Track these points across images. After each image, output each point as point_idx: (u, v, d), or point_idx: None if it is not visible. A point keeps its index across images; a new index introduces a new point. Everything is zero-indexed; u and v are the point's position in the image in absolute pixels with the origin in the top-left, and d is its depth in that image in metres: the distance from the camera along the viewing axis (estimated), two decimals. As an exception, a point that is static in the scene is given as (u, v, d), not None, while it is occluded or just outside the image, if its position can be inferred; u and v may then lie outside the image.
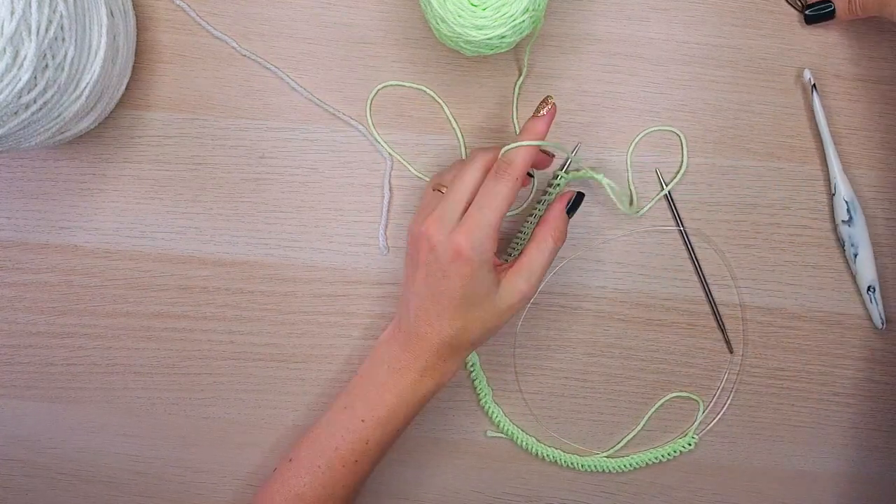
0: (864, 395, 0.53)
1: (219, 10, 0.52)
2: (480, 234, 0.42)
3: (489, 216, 0.42)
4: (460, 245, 0.41)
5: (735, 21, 0.52)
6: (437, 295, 0.43)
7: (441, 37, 0.46)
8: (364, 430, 0.45)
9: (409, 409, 0.45)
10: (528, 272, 0.44)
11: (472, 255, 0.41)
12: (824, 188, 0.52)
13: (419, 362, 0.44)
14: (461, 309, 0.43)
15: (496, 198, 0.42)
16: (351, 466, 0.45)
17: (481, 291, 0.43)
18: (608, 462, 0.53)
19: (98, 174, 0.53)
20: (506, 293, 0.44)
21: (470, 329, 0.44)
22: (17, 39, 0.38)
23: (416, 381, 0.45)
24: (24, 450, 0.54)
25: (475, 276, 0.42)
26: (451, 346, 0.44)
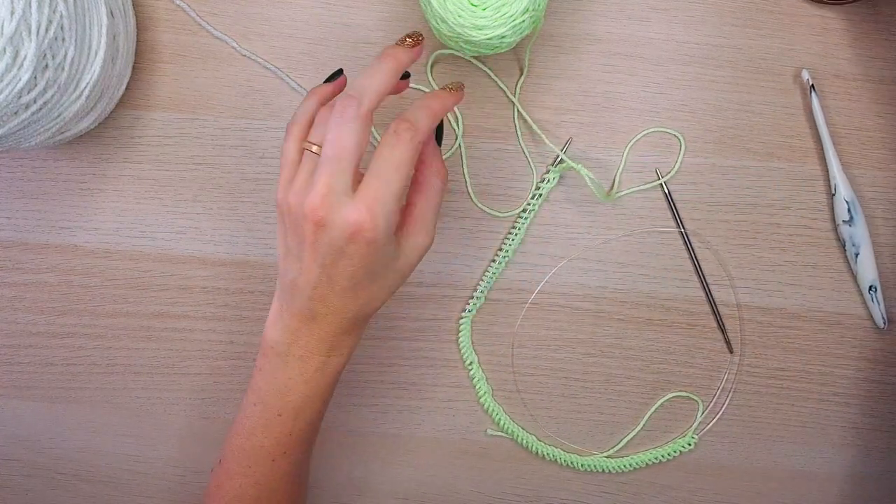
0: (864, 395, 0.53)
1: (219, 10, 0.52)
2: (384, 209, 0.36)
3: (393, 187, 0.36)
4: (361, 224, 0.36)
5: (735, 21, 0.52)
6: (335, 277, 0.38)
7: (441, 37, 0.46)
8: (283, 424, 0.42)
9: (322, 390, 0.42)
10: (423, 224, 0.40)
11: (376, 234, 0.36)
12: (824, 188, 0.52)
13: (323, 345, 0.40)
14: (363, 285, 0.38)
15: (399, 166, 0.36)
16: (281, 459, 0.42)
17: (384, 263, 0.38)
18: (608, 462, 0.53)
19: (98, 174, 0.53)
20: (407, 254, 0.40)
21: (374, 300, 0.40)
22: (17, 39, 0.38)
23: (323, 363, 0.41)
24: (24, 450, 0.54)
25: (378, 253, 0.37)
26: (356, 320, 0.40)
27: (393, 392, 0.53)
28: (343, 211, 0.36)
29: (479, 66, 0.52)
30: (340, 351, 0.41)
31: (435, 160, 0.41)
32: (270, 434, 0.42)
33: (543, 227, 0.52)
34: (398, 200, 0.37)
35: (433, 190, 0.40)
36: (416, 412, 0.53)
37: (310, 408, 0.42)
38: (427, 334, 0.53)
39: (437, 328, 0.53)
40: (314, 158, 0.38)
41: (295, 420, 0.42)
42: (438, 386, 0.53)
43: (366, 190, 0.36)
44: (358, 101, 0.37)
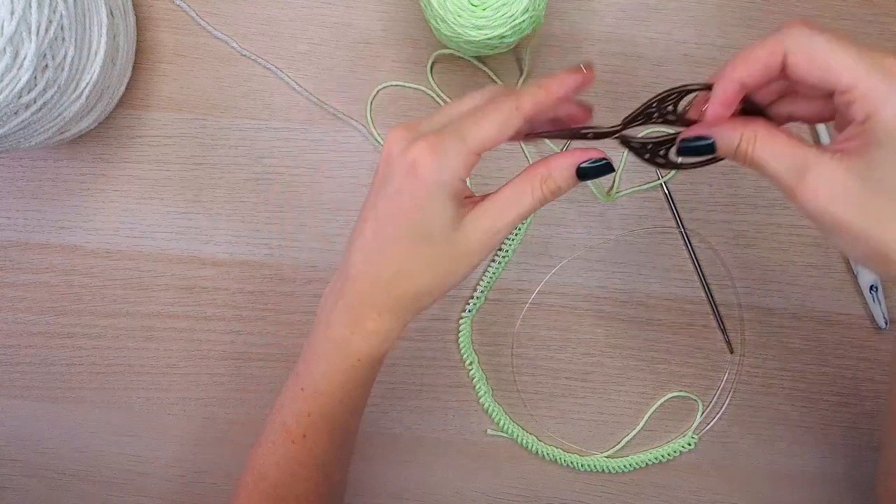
0: (863, 395, 0.52)
1: (219, 10, 0.52)
2: (449, 150, 0.33)
3: (469, 135, 0.33)
4: (419, 157, 0.32)
5: (735, 21, 0.52)
6: (383, 218, 0.34)
7: (441, 37, 0.46)
8: (304, 401, 0.38)
9: (343, 376, 0.37)
10: (495, 213, 0.35)
11: (431, 174, 0.32)
12: (824, 188, 0.52)
13: (348, 312, 0.36)
14: (406, 241, 0.34)
15: (485, 119, 0.33)
16: (301, 442, 0.39)
17: (435, 223, 0.34)
18: (608, 462, 0.53)
19: (98, 174, 0.53)
20: (468, 234, 0.34)
21: (415, 274, 0.35)
22: (17, 39, 0.38)
23: (344, 339, 0.36)
24: (24, 450, 0.54)
25: (430, 202, 0.33)
26: (388, 293, 0.35)
27: (393, 392, 0.53)
28: (409, 145, 0.33)
29: (479, 67, 0.52)
30: (364, 331, 0.36)
31: (558, 172, 0.35)
32: (293, 411, 0.39)
33: (543, 227, 0.52)
34: (471, 152, 0.33)
35: (528, 189, 0.35)
36: (416, 412, 0.53)
37: (329, 391, 0.38)
38: (427, 334, 0.53)
39: (437, 328, 0.53)
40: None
41: (314, 400, 0.38)
42: (438, 386, 0.53)
43: (439, 133, 0.33)
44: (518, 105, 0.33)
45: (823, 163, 0.29)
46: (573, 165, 0.35)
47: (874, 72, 0.28)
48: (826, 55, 0.29)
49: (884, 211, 0.28)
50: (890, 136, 0.27)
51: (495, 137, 0.33)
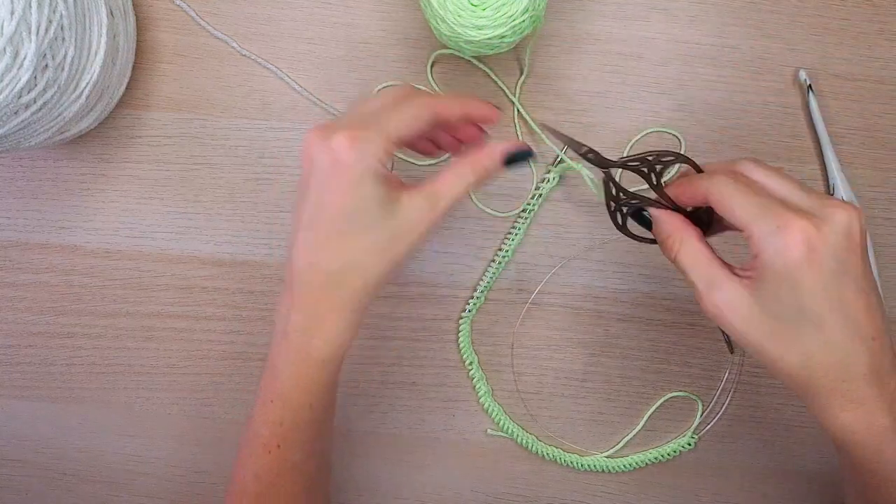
0: (864, 395, 0.52)
1: (219, 10, 0.52)
2: (368, 137, 0.34)
3: (384, 123, 0.35)
4: (339, 147, 0.34)
5: (735, 21, 0.52)
6: (317, 217, 0.35)
7: (441, 37, 0.46)
8: (275, 412, 0.38)
9: (309, 382, 0.38)
10: (435, 196, 0.36)
11: (354, 161, 0.34)
12: (824, 188, 0.52)
13: (304, 318, 0.36)
14: (345, 233, 0.35)
15: (404, 111, 0.36)
16: (276, 452, 0.39)
17: (370, 209, 0.35)
18: (608, 462, 0.53)
19: (98, 174, 0.53)
20: (406, 212, 0.36)
21: (361, 263, 0.36)
22: (17, 39, 0.38)
23: (304, 346, 0.37)
24: (24, 450, 0.54)
25: (359, 189, 0.34)
26: (340, 290, 0.36)
27: (393, 392, 0.53)
28: (328, 141, 0.34)
29: (479, 66, 0.52)
30: (323, 334, 0.37)
31: (489, 159, 0.38)
32: (265, 422, 0.39)
33: (543, 227, 0.52)
34: (390, 140, 0.35)
35: (464, 178, 0.37)
36: (416, 412, 0.53)
37: (297, 396, 0.38)
38: (427, 334, 0.53)
39: (437, 328, 0.53)
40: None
41: (284, 408, 0.38)
42: (438, 386, 0.53)
43: (355, 125, 0.35)
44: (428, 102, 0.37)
45: (730, 284, 0.34)
46: (503, 154, 0.38)
47: (762, 220, 0.33)
48: (730, 201, 0.34)
49: (773, 331, 0.33)
50: (771, 274, 0.33)
51: (408, 126, 0.36)
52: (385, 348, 0.53)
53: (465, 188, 0.37)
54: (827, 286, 0.32)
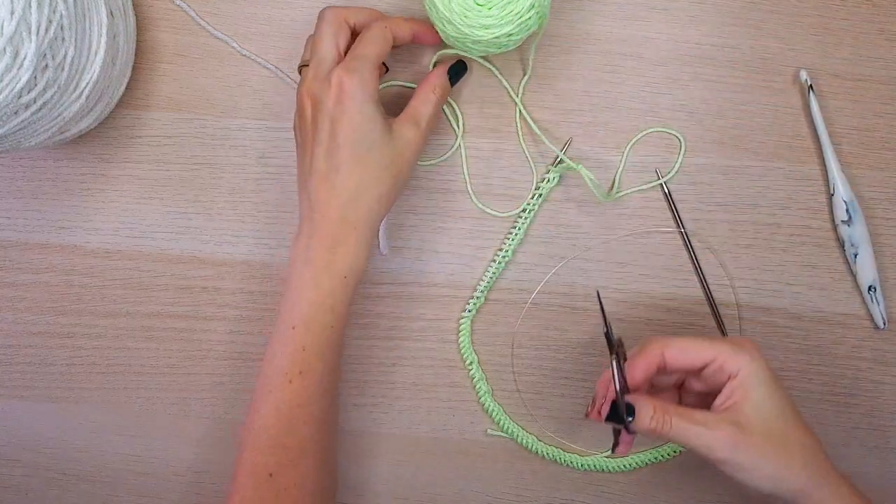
0: (864, 395, 0.53)
1: (219, 10, 0.52)
2: (360, 67, 0.41)
3: (366, 52, 0.42)
4: (341, 81, 0.41)
5: (735, 21, 0.52)
6: (332, 150, 0.41)
7: (448, 39, 0.46)
8: (296, 337, 0.41)
9: (332, 297, 0.41)
10: (414, 120, 0.44)
11: (357, 90, 0.40)
12: (824, 188, 0.52)
13: (325, 240, 0.41)
14: (357, 156, 0.41)
15: (372, 40, 0.42)
16: (298, 380, 0.41)
17: (375, 129, 0.41)
18: (608, 462, 0.53)
19: (98, 174, 0.53)
20: (399, 133, 0.43)
21: (372, 182, 0.42)
22: (17, 39, 0.38)
23: (328, 262, 0.41)
24: (24, 450, 0.54)
25: (363, 114, 0.41)
26: (356, 209, 0.42)
27: (393, 392, 0.53)
28: (323, 83, 0.41)
29: (485, 65, 0.52)
30: (345, 249, 0.41)
31: (440, 79, 0.46)
32: (285, 351, 0.41)
33: (543, 227, 0.52)
34: (375, 65, 0.42)
35: (429, 98, 0.45)
36: (416, 412, 0.53)
37: (321, 317, 0.41)
38: (427, 334, 0.53)
39: (437, 328, 0.53)
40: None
41: (307, 332, 0.41)
42: (438, 386, 0.53)
43: (344, 61, 0.42)
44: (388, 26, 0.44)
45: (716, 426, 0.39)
46: (444, 71, 0.47)
47: (720, 346, 0.40)
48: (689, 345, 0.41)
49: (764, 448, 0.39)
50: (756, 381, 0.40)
51: (383, 51, 0.43)
52: (385, 348, 0.53)
53: (434, 106, 0.45)
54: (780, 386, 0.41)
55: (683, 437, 0.39)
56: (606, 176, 0.52)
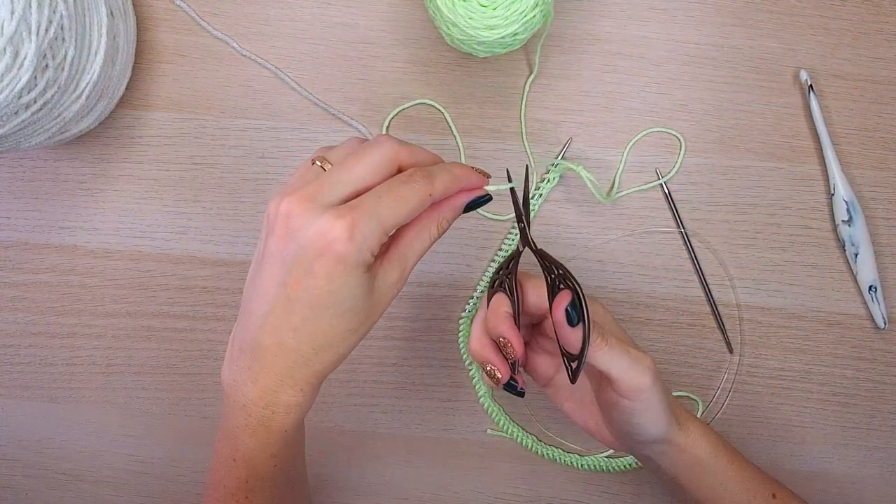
0: (864, 395, 0.53)
1: (219, 10, 0.52)
2: (366, 230, 0.31)
3: (386, 214, 0.32)
4: (335, 236, 0.31)
5: (735, 21, 0.52)
6: (294, 300, 0.33)
7: (453, 41, 0.46)
8: (239, 469, 0.37)
9: (273, 448, 0.37)
10: (402, 262, 0.35)
11: (350, 255, 0.31)
12: (824, 188, 0.52)
13: (264, 396, 0.35)
14: (326, 318, 0.33)
15: (402, 201, 0.33)
16: (245, 502, 0.38)
17: (357, 297, 0.33)
18: (608, 462, 0.53)
19: (98, 174, 0.53)
20: (381, 285, 0.34)
21: (337, 345, 0.34)
22: (17, 39, 0.38)
23: (266, 417, 0.35)
24: (24, 450, 0.54)
25: (349, 280, 0.32)
26: (309, 369, 0.35)
27: (393, 392, 0.53)
28: (318, 220, 0.31)
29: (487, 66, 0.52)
30: (286, 407, 0.35)
31: (450, 211, 0.36)
32: (229, 475, 0.38)
33: (543, 227, 0.52)
34: (386, 232, 0.33)
35: (427, 234, 0.36)
36: (416, 412, 0.53)
37: (261, 459, 0.37)
38: (427, 334, 0.53)
39: (437, 328, 0.53)
40: (318, 171, 0.34)
41: (247, 468, 0.37)
42: (438, 386, 0.53)
43: (353, 204, 0.32)
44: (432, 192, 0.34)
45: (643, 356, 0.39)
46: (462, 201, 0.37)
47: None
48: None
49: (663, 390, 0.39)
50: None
51: (407, 219, 0.34)
52: (385, 348, 0.53)
53: (427, 246, 0.36)
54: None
55: (614, 355, 0.37)
56: (607, 176, 0.52)
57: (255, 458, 0.37)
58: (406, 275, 0.36)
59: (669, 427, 0.40)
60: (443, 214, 0.36)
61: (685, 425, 0.41)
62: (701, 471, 0.42)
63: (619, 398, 0.38)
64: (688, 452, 0.41)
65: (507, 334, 0.37)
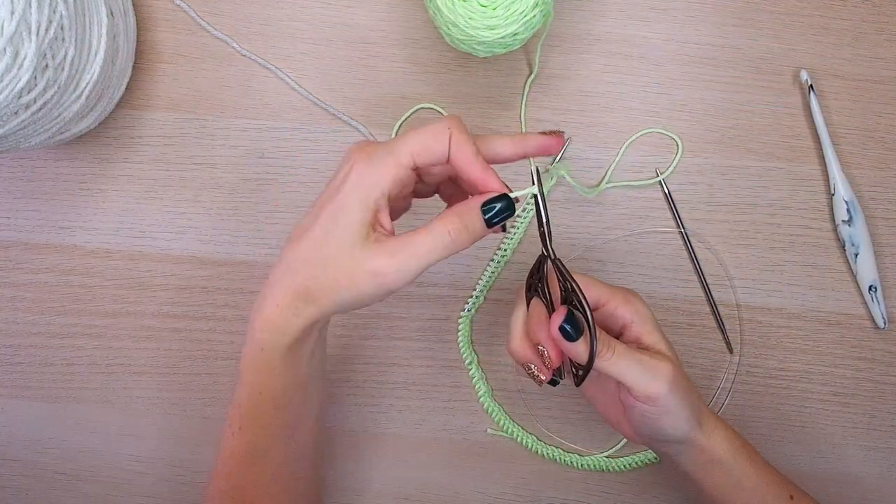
0: (864, 395, 0.53)
1: (219, 10, 0.52)
2: (379, 159, 0.35)
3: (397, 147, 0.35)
4: (356, 162, 0.35)
5: (735, 21, 0.52)
6: (311, 213, 0.37)
7: (453, 42, 0.46)
8: (237, 393, 0.39)
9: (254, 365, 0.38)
10: (396, 251, 0.35)
11: (357, 177, 0.35)
12: (824, 188, 0.52)
13: (259, 301, 0.38)
14: (316, 235, 0.36)
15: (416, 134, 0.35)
16: (239, 435, 0.39)
17: (341, 224, 0.35)
18: (608, 462, 0.53)
19: (98, 174, 0.53)
20: (362, 256, 0.35)
21: (311, 267, 0.36)
22: (17, 39, 0.38)
23: (252, 327, 0.38)
24: (24, 450, 0.54)
25: (347, 203, 0.35)
26: (288, 283, 0.37)
27: (393, 392, 0.53)
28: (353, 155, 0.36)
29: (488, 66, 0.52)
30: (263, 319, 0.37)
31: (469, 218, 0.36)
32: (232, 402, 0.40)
33: (543, 227, 0.52)
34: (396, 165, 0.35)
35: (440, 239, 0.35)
36: (416, 412, 0.53)
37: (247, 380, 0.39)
38: (427, 334, 0.53)
39: (437, 328, 0.53)
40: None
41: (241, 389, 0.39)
42: (438, 386, 0.53)
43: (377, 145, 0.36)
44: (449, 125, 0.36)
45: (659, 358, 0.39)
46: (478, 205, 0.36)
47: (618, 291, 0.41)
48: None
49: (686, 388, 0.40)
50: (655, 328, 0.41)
51: (422, 149, 0.35)
52: (385, 348, 0.53)
53: (439, 252, 0.35)
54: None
55: (623, 365, 0.37)
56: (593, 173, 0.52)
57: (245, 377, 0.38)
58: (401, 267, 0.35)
59: (690, 430, 0.40)
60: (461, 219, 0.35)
61: (707, 426, 0.41)
62: (719, 470, 0.41)
63: (635, 401, 0.39)
64: (707, 452, 0.41)
65: (547, 344, 0.38)
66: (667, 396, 0.38)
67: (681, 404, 0.39)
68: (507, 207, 0.36)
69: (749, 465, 0.42)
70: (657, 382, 0.38)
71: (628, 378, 0.38)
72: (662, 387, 0.38)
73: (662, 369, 0.38)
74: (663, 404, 0.38)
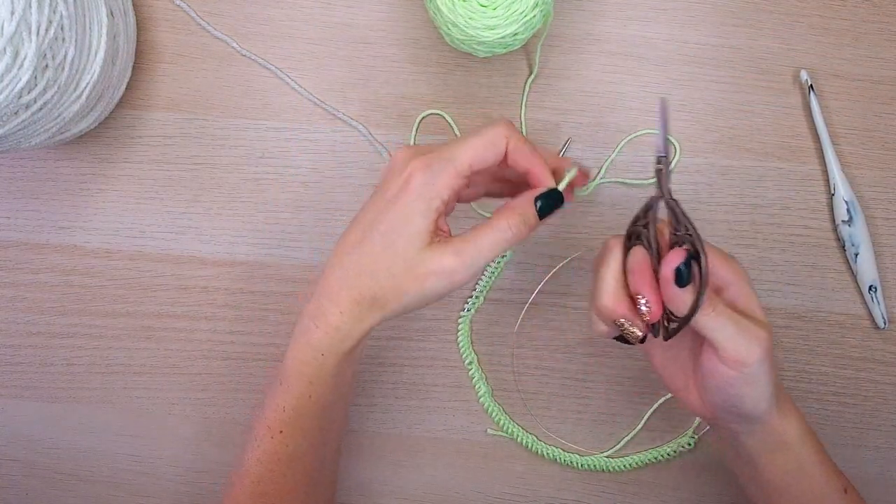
0: (864, 395, 0.52)
1: (219, 10, 0.52)
2: (438, 168, 0.36)
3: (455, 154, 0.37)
4: (414, 171, 0.36)
5: (735, 21, 0.52)
6: (368, 221, 0.38)
7: (453, 42, 0.46)
8: (281, 396, 0.40)
9: (309, 370, 0.39)
10: (461, 249, 0.37)
11: (419, 187, 0.36)
12: (824, 188, 0.52)
13: (315, 307, 0.39)
14: (377, 244, 0.37)
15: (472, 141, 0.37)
16: (279, 437, 0.40)
17: (405, 233, 0.36)
18: (608, 462, 0.53)
19: (98, 174, 0.53)
20: (428, 258, 0.37)
21: (375, 276, 0.37)
22: (17, 39, 0.38)
23: (308, 332, 0.39)
24: (24, 450, 0.54)
25: (410, 212, 0.36)
26: (350, 291, 0.38)
27: (393, 392, 0.53)
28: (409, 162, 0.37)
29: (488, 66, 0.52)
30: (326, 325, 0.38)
31: (525, 211, 0.38)
32: (272, 406, 0.40)
33: (543, 227, 0.52)
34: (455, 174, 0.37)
35: (501, 234, 0.38)
36: (416, 412, 0.53)
37: (298, 386, 0.39)
38: (427, 334, 0.53)
39: (437, 328, 0.53)
40: None
41: (287, 393, 0.39)
42: (438, 386, 0.53)
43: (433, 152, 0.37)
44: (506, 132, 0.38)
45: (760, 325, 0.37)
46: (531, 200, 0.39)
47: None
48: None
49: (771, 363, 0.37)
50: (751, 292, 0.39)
51: (480, 157, 0.37)
52: (385, 348, 0.53)
53: (500, 246, 0.38)
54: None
55: (720, 322, 0.35)
56: (606, 176, 0.52)
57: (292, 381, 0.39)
58: (466, 263, 0.37)
59: (770, 408, 0.37)
60: (518, 213, 0.38)
61: (784, 407, 0.39)
62: (786, 455, 0.39)
63: (720, 365, 0.36)
64: (779, 434, 0.39)
65: (650, 295, 0.36)
66: (758, 364, 0.35)
67: (767, 378, 0.36)
68: (559, 200, 0.39)
69: (814, 453, 0.40)
70: (752, 347, 0.35)
71: (722, 337, 0.35)
72: (756, 353, 0.35)
73: (760, 335, 0.35)
74: (752, 373, 0.35)
